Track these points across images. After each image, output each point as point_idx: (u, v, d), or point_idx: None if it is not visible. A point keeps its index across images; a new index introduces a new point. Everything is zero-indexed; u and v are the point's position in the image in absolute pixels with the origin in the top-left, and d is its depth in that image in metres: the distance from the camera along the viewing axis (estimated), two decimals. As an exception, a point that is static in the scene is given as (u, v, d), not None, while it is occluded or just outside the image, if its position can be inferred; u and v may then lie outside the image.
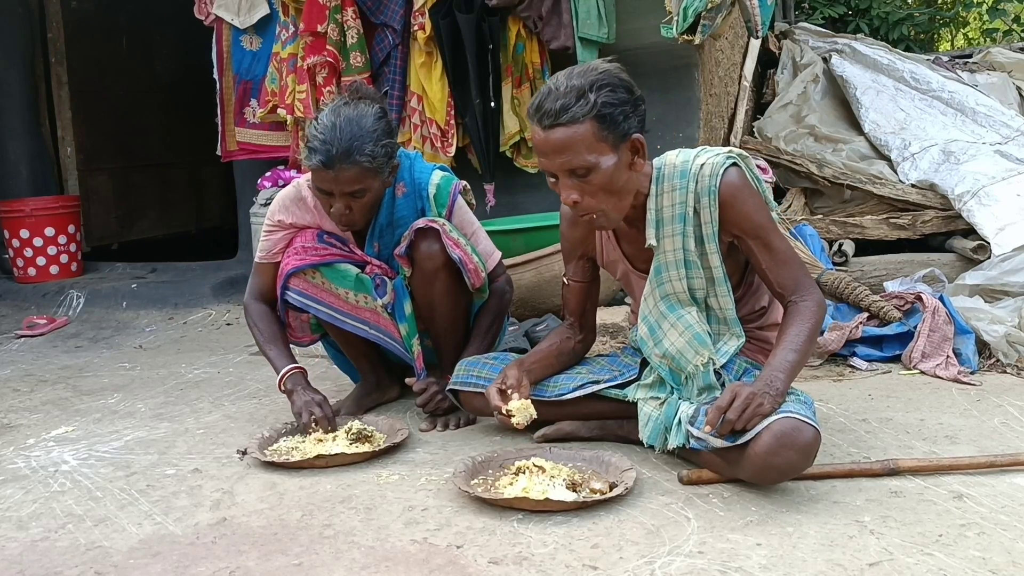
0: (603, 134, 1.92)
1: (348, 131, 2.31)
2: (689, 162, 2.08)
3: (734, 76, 4.65)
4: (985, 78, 4.81)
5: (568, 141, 1.92)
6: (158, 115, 6.87)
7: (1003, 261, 3.31)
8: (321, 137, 2.31)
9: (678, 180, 2.07)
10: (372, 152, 2.33)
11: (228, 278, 4.84)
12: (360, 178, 2.34)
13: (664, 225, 2.08)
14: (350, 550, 1.76)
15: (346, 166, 2.31)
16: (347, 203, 2.37)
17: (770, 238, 2.04)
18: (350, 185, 2.34)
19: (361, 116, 2.36)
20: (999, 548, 1.63)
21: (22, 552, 1.82)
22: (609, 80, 1.94)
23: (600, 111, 1.91)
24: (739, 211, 2.03)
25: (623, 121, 1.94)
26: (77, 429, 2.67)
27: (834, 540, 1.69)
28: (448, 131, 3.95)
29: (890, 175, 4.11)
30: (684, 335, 2.09)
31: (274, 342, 2.55)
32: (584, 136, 1.92)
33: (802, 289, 2.03)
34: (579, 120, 1.91)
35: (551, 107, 1.92)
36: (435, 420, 2.52)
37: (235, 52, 4.57)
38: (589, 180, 1.95)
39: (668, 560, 1.64)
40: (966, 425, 2.34)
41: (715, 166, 2.04)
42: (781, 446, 1.83)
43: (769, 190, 3.94)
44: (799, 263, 2.07)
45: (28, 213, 5.21)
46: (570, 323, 2.38)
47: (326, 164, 2.31)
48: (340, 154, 2.30)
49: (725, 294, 2.10)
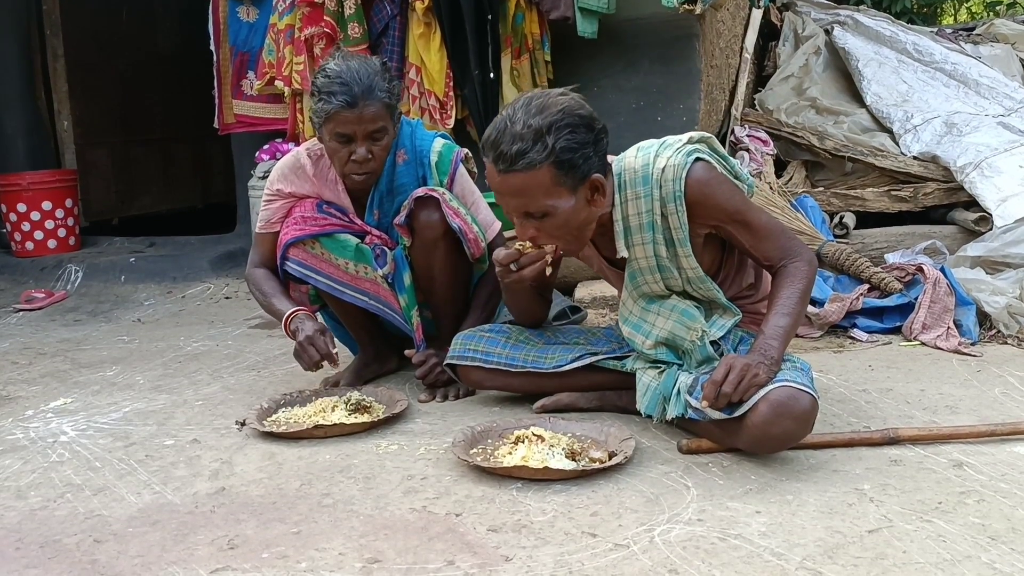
0: (561, 179, 1.88)
1: (364, 70, 2.35)
2: (649, 165, 2.01)
3: (735, 48, 4.61)
4: (988, 50, 4.77)
5: (524, 187, 1.88)
6: (160, 89, 6.82)
7: (1005, 232, 3.30)
8: (339, 80, 2.33)
9: (641, 187, 2.01)
10: (389, 89, 2.37)
11: (227, 252, 4.83)
12: (382, 115, 2.37)
13: (632, 234, 2.05)
14: (349, 518, 1.75)
15: (370, 102, 2.33)
16: (368, 146, 2.38)
17: (747, 218, 2.01)
18: (374, 123, 2.35)
19: (367, 61, 2.40)
20: (998, 515, 1.63)
21: (21, 521, 1.82)
22: (568, 120, 1.87)
23: (559, 157, 1.86)
24: (711, 206, 1.99)
25: (583, 164, 1.89)
26: (76, 401, 2.67)
27: (833, 508, 1.69)
28: (447, 103, 3.92)
29: (892, 147, 4.09)
30: (671, 317, 2.08)
31: (275, 295, 2.54)
32: (541, 182, 1.87)
33: (790, 253, 2.00)
34: (536, 167, 1.85)
35: (507, 150, 1.85)
36: (434, 391, 2.51)
37: (232, 23, 4.52)
38: (545, 222, 1.93)
39: (667, 528, 1.64)
40: (966, 395, 2.33)
41: (676, 168, 1.98)
42: (778, 415, 1.82)
43: (765, 161, 3.91)
44: (781, 231, 2.04)
45: (25, 187, 5.18)
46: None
47: (351, 103, 2.32)
48: (363, 91, 2.32)
49: (708, 289, 2.08)
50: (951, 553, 1.50)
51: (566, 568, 1.51)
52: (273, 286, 2.56)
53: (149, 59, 6.76)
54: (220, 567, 1.58)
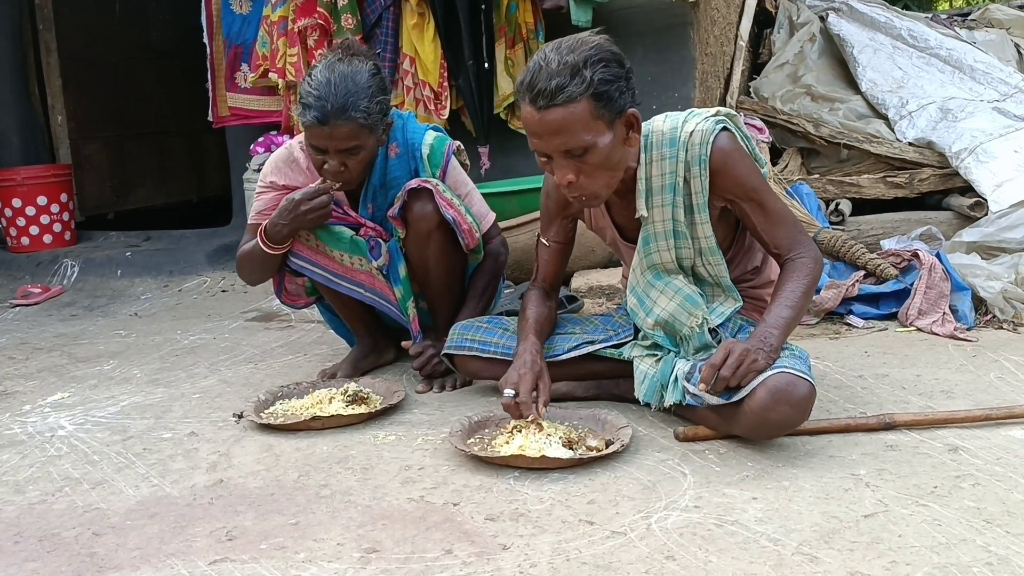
0: (600, 112, 1.87)
1: (343, 87, 2.28)
2: (678, 129, 2.03)
3: (730, 35, 4.60)
4: (983, 35, 4.77)
5: (565, 122, 1.86)
6: (154, 82, 6.79)
7: (1000, 218, 3.31)
8: (316, 93, 2.28)
9: (667, 148, 2.03)
10: (367, 108, 2.31)
11: (223, 245, 4.82)
12: (355, 135, 2.32)
13: (653, 195, 2.06)
14: (347, 509, 1.76)
15: (341, 122, 2.28)
16: (341, 160, 2.35)
17: (764, 199, 2.02)
18: (345, 142, 2.31)
19: (355, 72, 2.32)
20: (993, 498, 1.64)
21: (19, 515, 1.82)
22: (602, 55, 1.88)
23: (597, 88, 1.85)
24: (731, 177, 2.01)
25: (619, 97, 1.90)
26: (73, 395, 2.67)
27: (829, 493, 1.70)
28: (441, 93, 3.91)
29: (887, 134, 4.09)
30: (675, 299, 2.08)
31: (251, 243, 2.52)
32: (581, 116, 1.86)
33: (798, 246, 2.02)
34: (576, 99, 1.85)
35: (545, 87, 1.85)
36: (431, 382, 2.51)
37: (225, 16, 4.50)
38: (586, 159, 1.90)
39: (664, 515, 1.65)
40: (962, 380, 2.34)
41: (704, 133, 2.00)
42: (776, 401, 1.82)
43: (761, 149, 3.92)
44: (794, 221, 2.06)
45: (20, 182, 5.17)
46: (541, 288, 2.32)
47: (321, 120, 2.28)
48: (335, 110, 2.27)
49: (718, 262, 2.08)
50: (946, 537, 1.50)
51: (563, 556, 1.52)
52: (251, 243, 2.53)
53: (142, 53, 6.74)
54: (219, 558, 1.58)
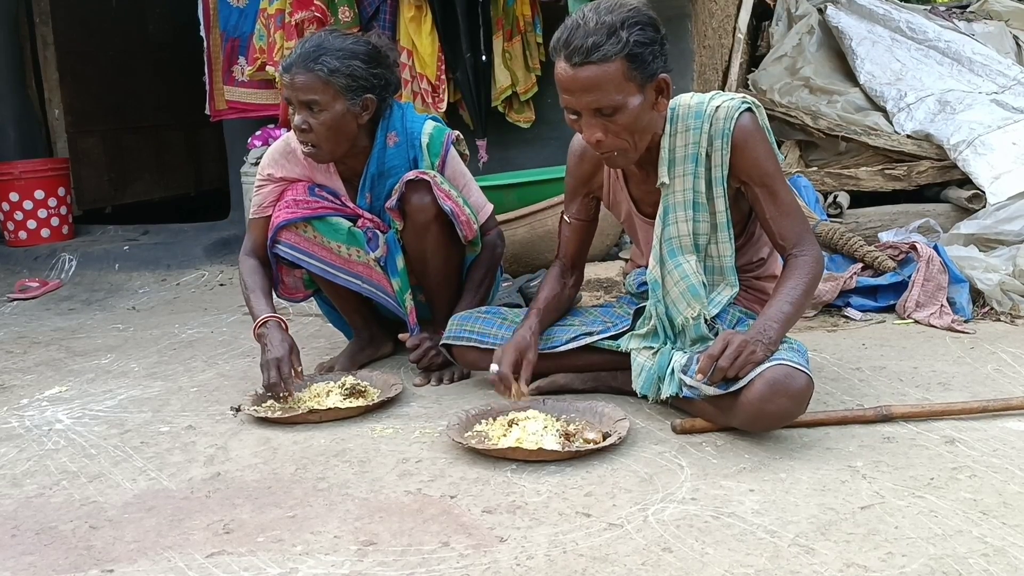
0: (632, 73, 1.89)
1: (316, 42, 2.38)
2: (704, 104, 2.06)
3: (728, 28, 4.59)
4: (982, 27, 4.76)
5: (598, 80, 1.88)
6: (152, 76, 6.78)
7: (998, 210, 3.30)
8: (298, 46, 2.38)
9: (692, 120, 2.06)
10: (332, 67, 2.34)
11: (220, 239, 4.82)
12: (312, 87, 2.35)
13: (676, 165, 2.07)
14: (344, 502, 1.76)
15: (301, 72, 2.34)
16: (304, 117, 2.38)
17: (776, 187, 2.04)
18: (304, 93, 2.35)
19: (339, 37, 2.40)
20: (990, 490, 1.64)
21: (17, 508, 1.82)
22: (639, 18, 1.91)
23: (632, 50, 1.87)
24: (749, 156, 2.02)
25: (652, 61, 1.91)
26: (71, 389, 2.67)
27: (826, 485, 1.70)
28: (439, 86, 3.91)
29: (885, 126, 4.08)
30: (679, 285, 2.08)
31: (255, 291, 2.51)
32: (614, 75, 1.88)
33: (803, 243, 2.02)
34: (610, 59, 1.87)
35: (581, 44, 1.87)
36: (429, 375, 2.51)
37: (222, 9, 4.50)
38: (615, 119, 1.92)
39: (661, 507, 1.65)
40: (959, 372, 2.34)
41: (730, 109, 2.03)
42: (774, 393, 1.83)
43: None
44: (802, 216, 2.06)
45: (17, 176, 5.16)
46: (563, 265, 2.37)
47: (285, 68, 2.38)
48: (300, 59, 2.35)
49: (726, 240, 2.09)
50: (943, 528, 1.51)
51: (560, 548, 1.52)
52: (256, 281, 2.54)
53: (139, 46, 6.72)
54: (216, 551, 1.58)
